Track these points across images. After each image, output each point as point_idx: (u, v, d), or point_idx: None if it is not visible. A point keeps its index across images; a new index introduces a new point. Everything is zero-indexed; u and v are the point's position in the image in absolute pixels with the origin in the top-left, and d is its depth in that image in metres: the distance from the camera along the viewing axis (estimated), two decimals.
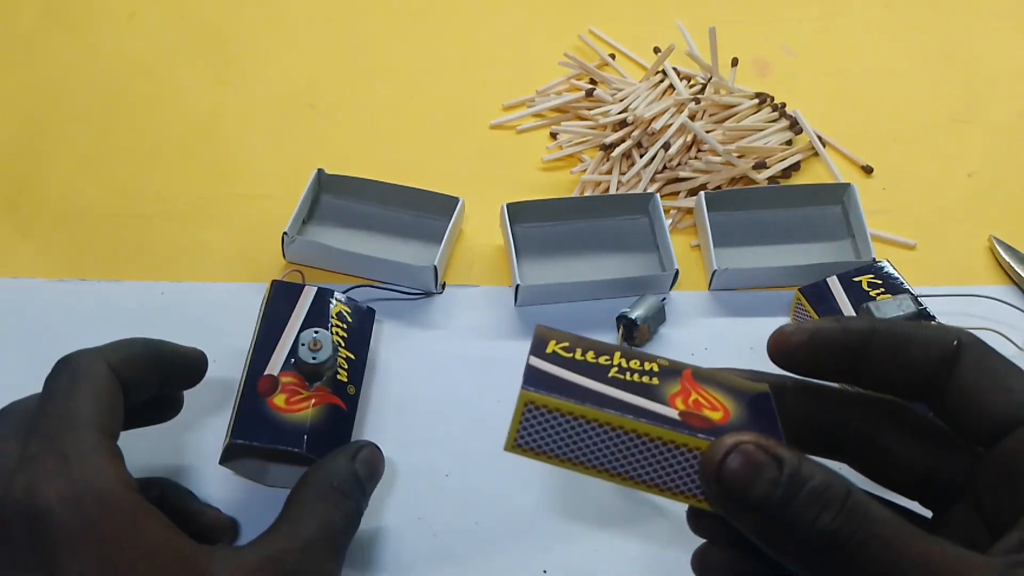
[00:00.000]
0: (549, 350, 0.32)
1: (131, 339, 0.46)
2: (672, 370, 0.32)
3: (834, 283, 0.60)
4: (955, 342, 0.31)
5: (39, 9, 0.83)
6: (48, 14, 0.83)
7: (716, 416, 0.30)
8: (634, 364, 0.32)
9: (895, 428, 0.33)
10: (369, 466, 0.47)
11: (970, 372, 0.31)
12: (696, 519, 0.32)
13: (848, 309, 0.59)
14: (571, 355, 0.32)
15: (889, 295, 0.59)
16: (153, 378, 0.46)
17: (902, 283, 0.60)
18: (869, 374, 0.32)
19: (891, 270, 0.61)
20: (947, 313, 0.59)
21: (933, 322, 0.35)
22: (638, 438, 0.29)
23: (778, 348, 0.33)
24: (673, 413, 0.30)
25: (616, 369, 0.31)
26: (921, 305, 0.58)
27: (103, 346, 0.45)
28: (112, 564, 0.34)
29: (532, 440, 0.30)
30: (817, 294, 0.60)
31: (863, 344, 0.32)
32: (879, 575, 0.25)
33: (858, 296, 0.59)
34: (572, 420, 0.29)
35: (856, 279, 0.60)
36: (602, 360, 0.32)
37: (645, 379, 0.31)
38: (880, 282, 0.60)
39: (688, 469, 0.29)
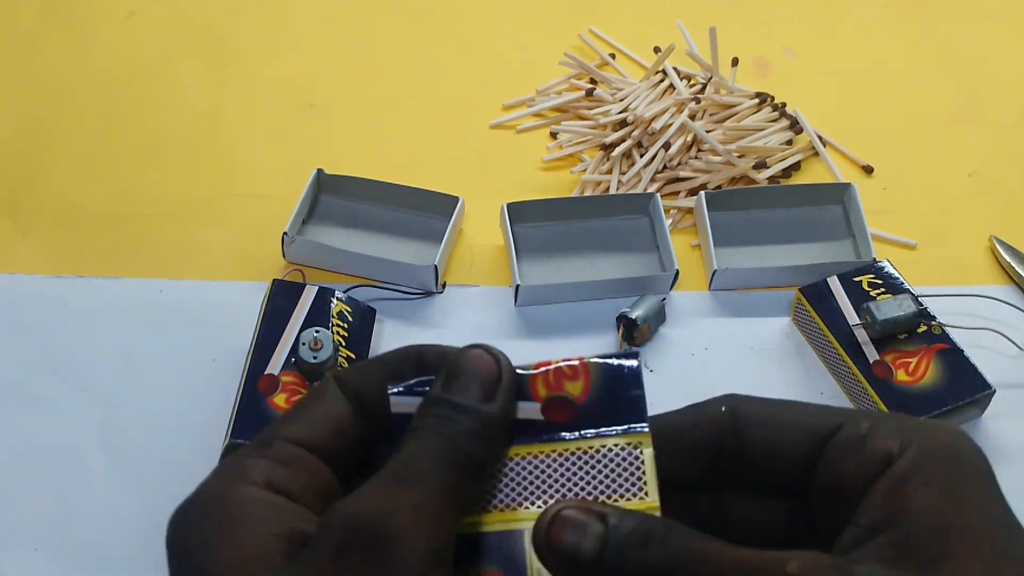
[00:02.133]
0: None
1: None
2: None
3: (834, 283, 0.60)
4: (722, 407, 0.31)
5: (39, 9, 0.83)
6: (48, 14, 0.83)
7: (576, 390, 0.30)
8: None
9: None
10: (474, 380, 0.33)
11: (751, 424, 0.31)
12: None
13: (849, 309, 0.59)
14: None
15: (889, 295, 0.59)
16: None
17: (902, 283, 0.60)
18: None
19: (891, 270, 0.61)
20: (947, 313, 0.59)
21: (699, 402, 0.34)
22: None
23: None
24: (536, 408, 0.30)
25: None
26: (921, 305, 0.58)
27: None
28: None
29: None
30: (817, 294, 0.60)
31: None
32: None
33: (859, 296, 0.59)
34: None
35: (856, 279, 0.60)
36: None
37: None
38: (880, 282, 0.60)
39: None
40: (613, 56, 0.80)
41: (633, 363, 0.29)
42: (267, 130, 0.75)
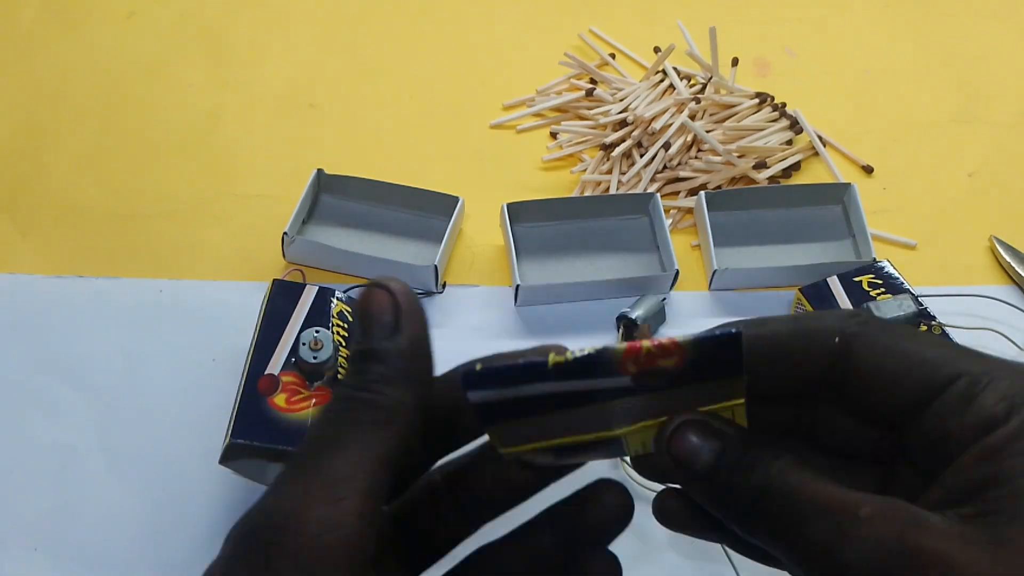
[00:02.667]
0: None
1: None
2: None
3: (834, 283, 0.60)
4: (835, 339, 0.29)
5: (38, 8, 0.83)
6: (47, 13, 0.83)
7: (670, 363, 0.29)
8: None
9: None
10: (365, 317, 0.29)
11: (866, 359, 0.29)
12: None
13: (849, 308, 0.59)
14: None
15: (889, 295, 0.59)
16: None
17: (902, 283, 0.60)
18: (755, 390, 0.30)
19: (891, 270, 0.61)
20: (947, 313, 0.59)
21: (818, 312, 0.32)
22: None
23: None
24: (626, 380, 0.30)
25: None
26: (922, 305, 0.58)
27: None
28: None
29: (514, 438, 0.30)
30: (817, 294, 0.60)
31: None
32: (784, 517, 0.27)
33: (859, 296, 0.59)
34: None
35: (856, 279, 0.60)
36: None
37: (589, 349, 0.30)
38: (880, 282, 0.60)
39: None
40: (613, 56, 0.80)
41: (731, 330, 0.28)
42: (267, 130, 0.75)
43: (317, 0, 0.85)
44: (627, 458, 0.31)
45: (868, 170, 0.73)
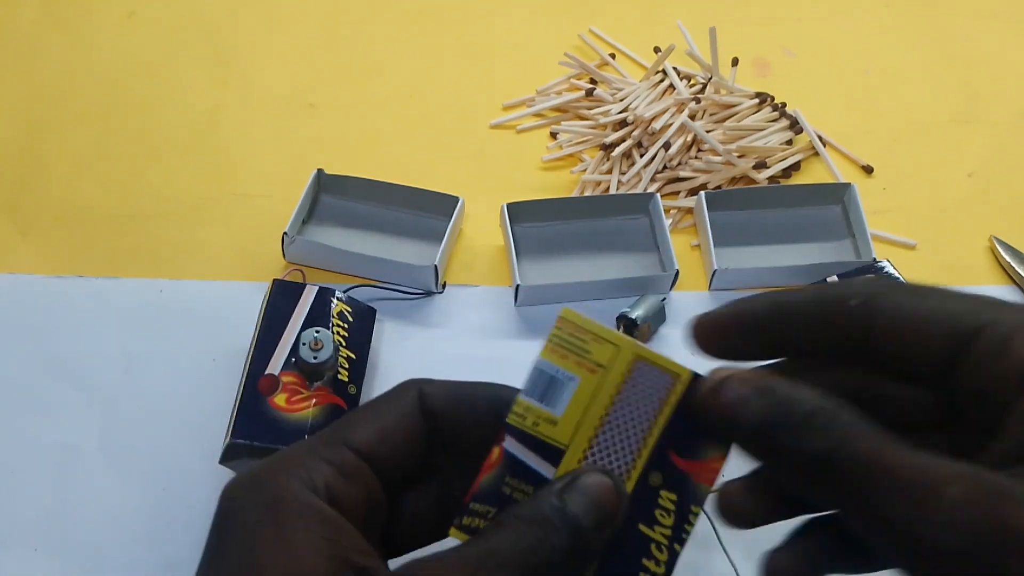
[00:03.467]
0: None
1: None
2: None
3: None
4: (853, 301, 0.29)
5: (38, 8, 0.83)
6: (47, 13, 0.83)
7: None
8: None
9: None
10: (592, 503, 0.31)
11: (890, 318, 0.29)
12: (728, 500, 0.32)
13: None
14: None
15: None
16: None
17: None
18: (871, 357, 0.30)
19: (891, 270, 0.61)
20: None
21: (844, 280, 0.32)
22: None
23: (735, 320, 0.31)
24: None
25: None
26: None
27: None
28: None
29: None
30: None
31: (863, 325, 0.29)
32: (857, 489, 0.26)
33: None
34: None
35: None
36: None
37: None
38: None
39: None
40: (613, 56, 0.80)
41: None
42: (267, 130, 0.75)
43: (317, 0, 0.85)
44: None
45: (868, 170, 0.73)
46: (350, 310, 0.58)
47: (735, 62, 0.76)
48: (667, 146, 0.70)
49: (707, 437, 0.32)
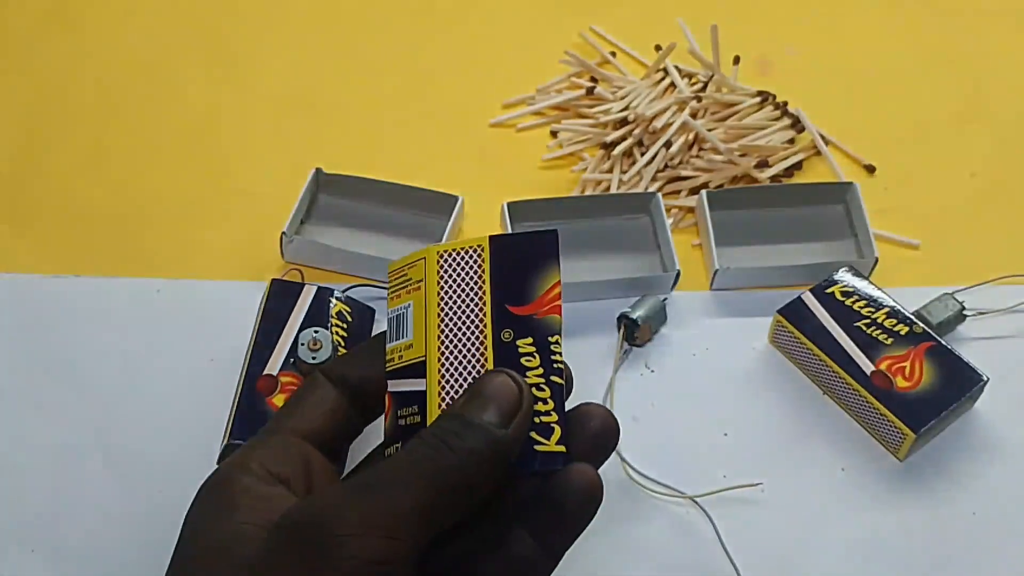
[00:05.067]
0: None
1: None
2: None
3: (809, 298, 0.60)
4: None
5: (37, 7, 0.83)
6: (46, 12, 0.83)
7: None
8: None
9: None
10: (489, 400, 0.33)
11: None
12: None
13: (832, 324, 0.58)
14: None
15: (887, 302, 0.59)
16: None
17: (868, 288, 0.59)
18: None
19: (852, 278, 0.60)
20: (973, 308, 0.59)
21: None
22: None
23: None
24: None
25: None
26: (961, 302, 0.60)
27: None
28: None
29: None
30: (796, 313, 0.59)
31: None
32: None
33: (837, 308, 0.59)
34: None
35: (828, 291, 0.60)
36: None
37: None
38: (852, 289, 0.60)
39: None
40: (614, 54, 0.80)
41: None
42: (265, 129, 0.75)
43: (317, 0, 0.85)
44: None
45: (870, 169, 0.72)
46: (349, 310, 0.58)
47: (737, 60, 0.76)
48: (668, 145, 0.70)
49: (534, 271, 0.35)
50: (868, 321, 0.58)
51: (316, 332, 0.54)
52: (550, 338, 0.34)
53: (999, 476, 0.56)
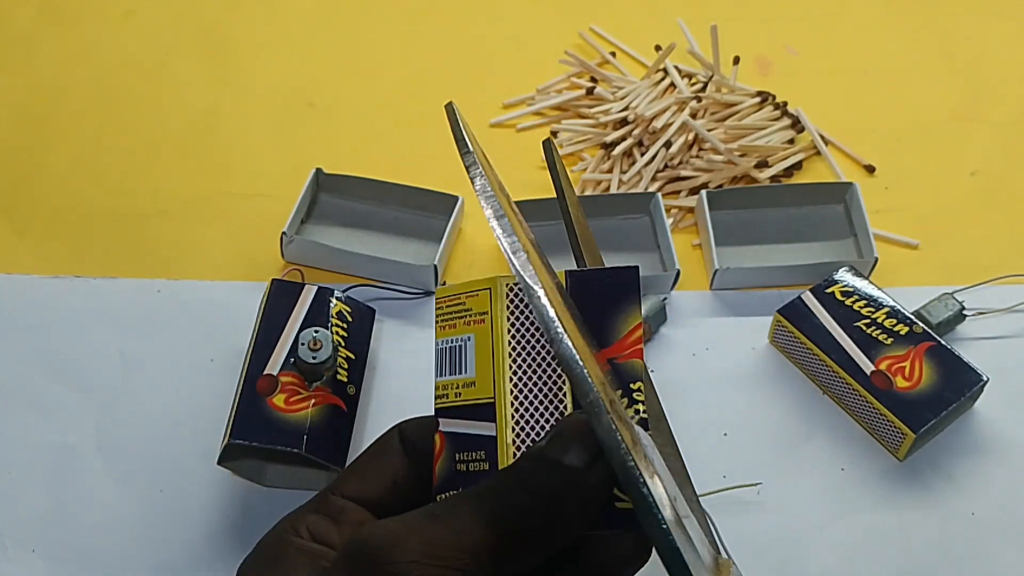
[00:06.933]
0: None
1: None
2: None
3: (809, 298, 0.59)
4: None
5: (36, 7, 0.83)
6: (45, 12, 0.83)
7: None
8: None
9: None
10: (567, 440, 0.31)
11: None
12: None
13: (832, 324, 0.58)
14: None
15: (887, 302, 0.59)
16: None
17: (868, 285, 0.59)
18: None
19: (852, 278, 0.60)
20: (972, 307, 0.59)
21: None
22: None
23: None
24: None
25: None
26: (960, 301, 0.60)
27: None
28: None
29: None
30: (796, 312, 0.59)
31: None
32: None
33: (836, 308, 0.59)
34: None
35: (828, 291, 0.60)
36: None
37: None
38: (852, 289, 0.60)
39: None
40: (614, 54, 0.80)
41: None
42: (266, 129, 0.74)
43: None
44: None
45: (870, 169, 0.72)
46: (349, 310, 0.58)
47: (736, 60, 0.76)
48: (668, 145, 0.70)
49: (614, 309, 0.32)
50: (868, 321, 0.58)
51: (316, 332, 0.54)
52: (632, 384, 0.31)
53: (998, 476, 0.56)
